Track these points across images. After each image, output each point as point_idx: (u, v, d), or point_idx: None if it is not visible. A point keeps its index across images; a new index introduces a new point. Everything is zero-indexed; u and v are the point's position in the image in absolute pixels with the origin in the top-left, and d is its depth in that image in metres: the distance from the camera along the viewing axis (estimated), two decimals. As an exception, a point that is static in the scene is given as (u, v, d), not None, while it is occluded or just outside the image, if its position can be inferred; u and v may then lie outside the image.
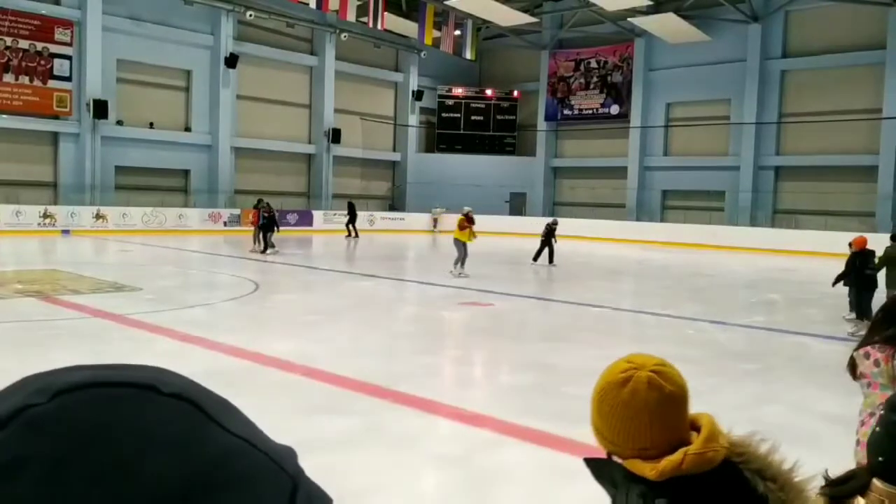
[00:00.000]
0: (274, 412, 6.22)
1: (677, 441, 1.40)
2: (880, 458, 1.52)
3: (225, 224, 30.52)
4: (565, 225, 34.97)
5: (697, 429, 1.43)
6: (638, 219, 35.32)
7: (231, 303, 12.27)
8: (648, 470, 1.38)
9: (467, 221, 17.39)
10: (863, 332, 10.36)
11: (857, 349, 3.13)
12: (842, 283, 11.29)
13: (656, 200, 36.11)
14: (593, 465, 1.50)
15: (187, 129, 31.79)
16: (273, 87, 34.62)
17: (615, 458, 1.47)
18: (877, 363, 2.98)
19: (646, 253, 27.43)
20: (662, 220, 35.17)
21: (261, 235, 21.78)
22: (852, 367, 3.12)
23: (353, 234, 31.05)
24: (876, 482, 1.51)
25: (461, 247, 17.23)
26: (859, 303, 10.95)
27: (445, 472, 5.24)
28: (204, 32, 31.56)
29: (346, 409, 6.41)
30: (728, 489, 1.35)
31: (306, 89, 36.26)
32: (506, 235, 33.82)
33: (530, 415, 6.34)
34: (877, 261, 11.14)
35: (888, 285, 10.97)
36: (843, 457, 2.95)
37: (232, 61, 31.73)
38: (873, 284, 10.94)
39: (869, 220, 27.73)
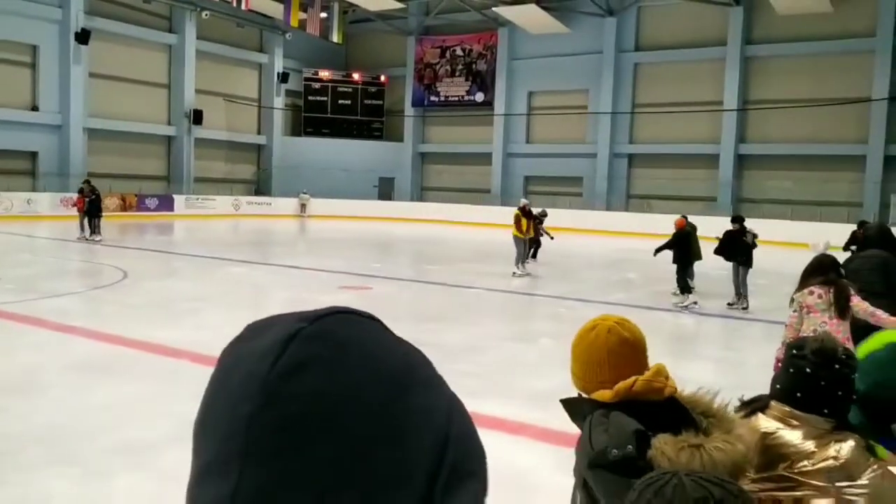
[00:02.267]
0: (167, 396, 6.24)
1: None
2: (778, 386, 1.99)
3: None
4: (430, 210, 35.80)
5: None
6: (502, 204, 36.39)
7: (101, 290, 11.84)
8: (608, 394, 1.75)
9: (523, 215, 16.11)
10: (688, 303, 11.74)
11: (797, 291, 5.01)
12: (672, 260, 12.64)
13: (519, 186, 37.36)
14: (567, 403, 1.87)
15: (34, 108, 29.74)
16: (129, 66, 32.93)
17: (583, 395, 1.84)
18: (820, 297, 4.86)
19: (511, 236, 28.40)
20: (525, 204, 36.43)
21: (85, 220, 20.76)
22: (793, 301, 5.01)
23: None
24: (773, 403, 1.98)
25: (519, 243, 16.06)
26: (683, 276, 12.26)
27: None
28: (51, 5, 29.54)
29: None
30: (670, 418, 1.72)
31: (165, 68, 34.76)
32: (375, 220, 34.06)
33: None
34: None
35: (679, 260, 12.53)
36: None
37: (83, 37, 29.92)
38: (690, 261, 12.45)
39: (712, 204, 30.05)
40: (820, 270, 5.01)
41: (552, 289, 13.81)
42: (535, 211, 17.70)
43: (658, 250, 12.80)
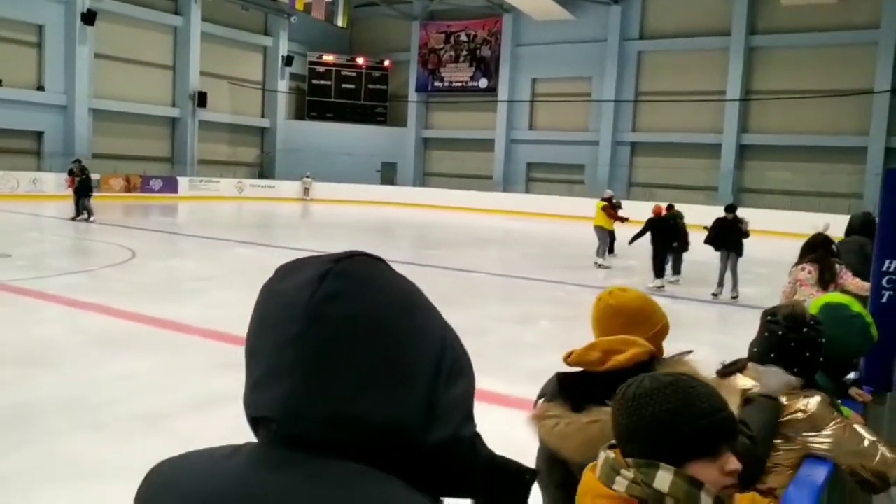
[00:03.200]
0: (182, 368, 6.49)
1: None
2: (755, 349, 2.23)
3: (84, 189, 29.02)
4: (432, 195, 35.96)
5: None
6: (504, 190, 36.65)
7: (111, 269, 12.07)
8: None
9: (612, 208, 15.85)
10: (651, 285, 12.14)
11: (794, 266, 5.86)
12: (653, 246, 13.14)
13: (521, 172, 37.53)
14: None
15: (40, 88, 29.89)
16: (135, 47, 33.03)
17: None
18: (809, 272, 5.70)
19: (512, 223, 28.65)
20: (527, 191, 36.66)
21: (76, 200, 20.87)
22: (790, 274, 5.89)
23: None
24: (750, 364, 2.22)
25: (604, 235, 15.88)
26: (660, 262, 12.63)
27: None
28: (57, -15, 29.67)
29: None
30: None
31: (170, 50, 34.83)
32: (377, 204, 34.26)
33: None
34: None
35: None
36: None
37: (90, 17, 30.02)
38: (667, 247, 13.06)
39: (713, 194, 30.22)
40: (811, 249, 5.89)
41: (552, 274, 14.04)
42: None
43: (633, 239, 13.19)
